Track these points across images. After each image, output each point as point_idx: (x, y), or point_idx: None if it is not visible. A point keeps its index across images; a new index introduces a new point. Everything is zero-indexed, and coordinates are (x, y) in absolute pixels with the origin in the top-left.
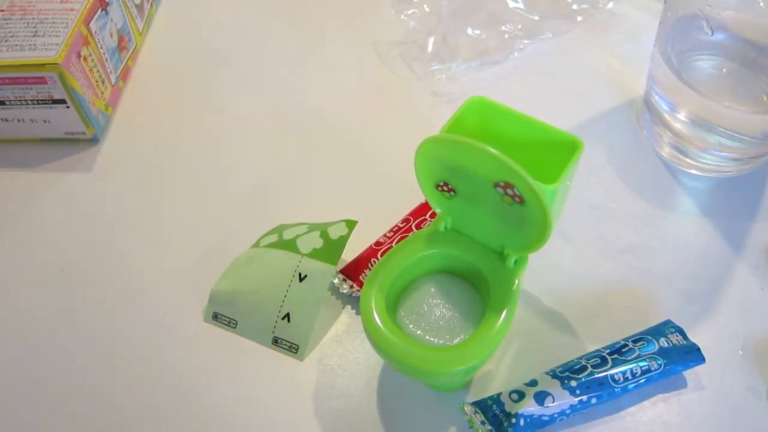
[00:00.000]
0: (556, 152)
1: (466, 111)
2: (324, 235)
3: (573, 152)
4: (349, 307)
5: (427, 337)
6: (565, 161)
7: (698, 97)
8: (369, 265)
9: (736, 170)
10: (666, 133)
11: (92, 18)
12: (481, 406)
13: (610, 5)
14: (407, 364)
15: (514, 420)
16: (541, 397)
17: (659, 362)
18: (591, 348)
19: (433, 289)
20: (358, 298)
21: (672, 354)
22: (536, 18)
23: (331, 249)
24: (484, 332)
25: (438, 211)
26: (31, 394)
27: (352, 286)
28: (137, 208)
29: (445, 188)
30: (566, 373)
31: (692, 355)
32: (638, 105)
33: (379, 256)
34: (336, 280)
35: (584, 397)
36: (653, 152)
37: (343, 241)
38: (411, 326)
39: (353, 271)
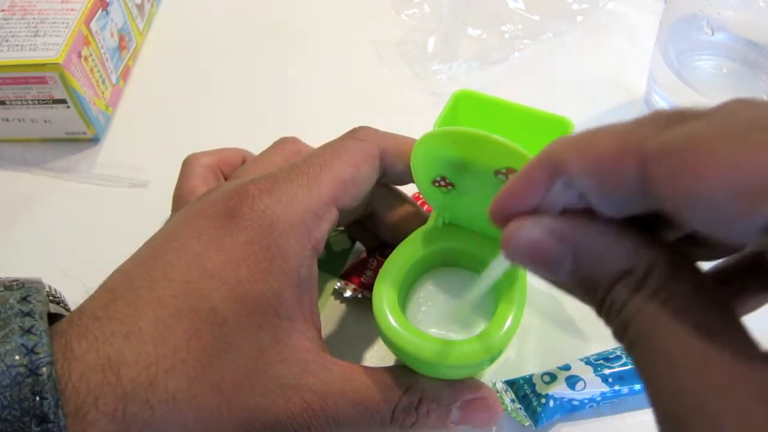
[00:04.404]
0: (547, 135)
1: (454, 105)
2: (326, 246)
3: (564, 133)
4: (352, 309)
5: (442, 333)
6: None
7: (699, 97)
8: (368, 265)
9: None
10: None
11: (93, 18)
12: (512, 384)
13: (610, 5)
14: (424, 360)
15: (543, 400)
16: (572, 381)
17: None
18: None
19: (433, 287)
20: (361, 300)
21: None
22: (537, 18)
23: (334, 261)
24: (499, 322)
25: (435, 207)
26: None
27: (355, 289)
28: (138, 208)
29: (443, 183)
30: (600, 361)
31: None
32: (639, 105)
33: (377, 255)
34: (338, 285)
35: (616, 387)
36: None
37: (346, 253)
38: (421, 325)
39: (354, 274)
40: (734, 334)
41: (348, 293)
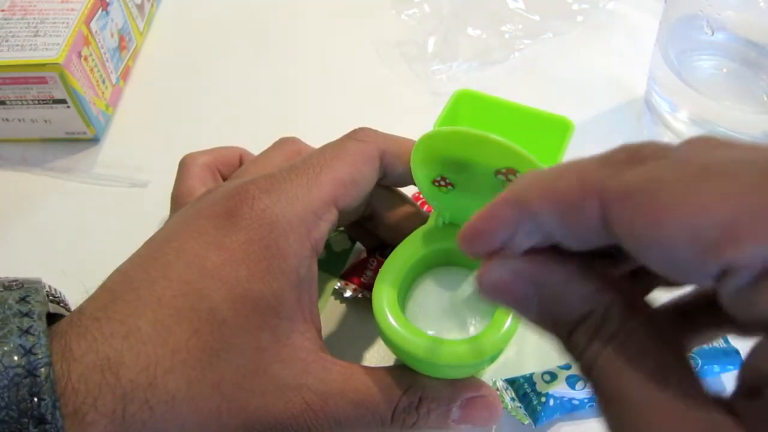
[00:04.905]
0: (547, 135)
1: (454, 104)
2: (327, 246)
3: (564, 133)
4: (352, 309)
5: (442, 333)
6: (559, 143)
7: (699, 97)
8: (368, 265)
9: None
10: (667, 133)
11: (93, 18)
12: (512, 383)
13: (610, 5)
14: (424, 360)
15: (544, 399)
16: (573, 381)
17: (696, 361)
18: None
19: (433, 286)
20: (361, 300)
21: (709, 355)
22: (537, 18)
23: (334, 261)
24: (499, 321)
25: (435, 207)
26: None
27: (355, 289)
28: (138, 208)
29: (443, 183)
30: None
31: (730, 357)
32: (639, 105)
33: (377, 255)
34: (338, 285)
35: None
36: None
37: (346, 254)
38: (421, 325)
39: (354, 274)
40: (684, 377)
41: (348, 293)
